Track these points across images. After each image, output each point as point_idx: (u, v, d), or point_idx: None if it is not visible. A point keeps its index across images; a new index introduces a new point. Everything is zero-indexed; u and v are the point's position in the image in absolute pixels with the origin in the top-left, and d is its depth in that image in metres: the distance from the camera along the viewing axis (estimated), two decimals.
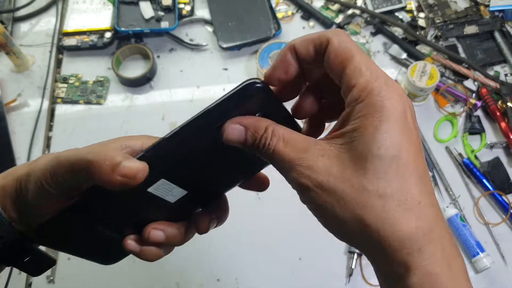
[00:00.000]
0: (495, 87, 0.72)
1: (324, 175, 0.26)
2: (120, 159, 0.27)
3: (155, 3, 0.80)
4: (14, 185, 0.30)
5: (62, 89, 0.77)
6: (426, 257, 0.24)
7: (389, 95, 0.25)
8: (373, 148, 0.24)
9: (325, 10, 0.82)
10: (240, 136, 0.28)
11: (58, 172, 0.28)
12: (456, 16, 0.79)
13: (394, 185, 0.24)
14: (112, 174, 0.27)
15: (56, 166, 0.28)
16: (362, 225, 0.24)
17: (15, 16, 0.83)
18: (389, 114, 0.24)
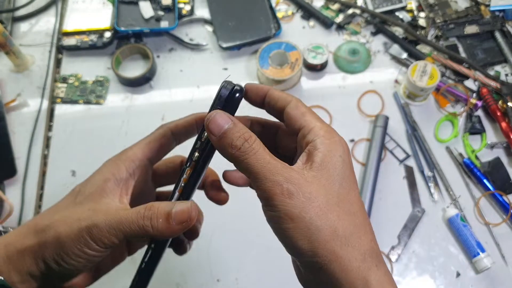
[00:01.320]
0: (495, 87, 0.72)
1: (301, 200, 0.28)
2: (168, 209, 0.29)
3: (155, 3, 0.80)
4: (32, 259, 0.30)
5: (61, 89, 0.77)
6: None
7: (341, 140, 0.31)
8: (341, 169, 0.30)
9: (325, 10, 0.82)
10: (223, 125, 0.30)
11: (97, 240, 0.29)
12: (457, 16, 0.79)
13: (354, 207, 0.29)
14: (170, 228, 0.29)
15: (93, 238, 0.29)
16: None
17: (15, 15, 0.83)
18: (344, 152, 0.30)
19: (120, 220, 0.29)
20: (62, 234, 0.29)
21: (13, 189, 0.68)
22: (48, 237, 0.29)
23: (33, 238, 0.30)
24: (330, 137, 0.30)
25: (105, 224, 0.29)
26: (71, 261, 0.29)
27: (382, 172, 0.67)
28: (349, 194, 0.29)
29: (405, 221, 0.64)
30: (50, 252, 0.29)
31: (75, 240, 0.29)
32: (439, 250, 0.63)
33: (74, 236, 0.29)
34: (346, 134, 0.71)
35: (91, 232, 0.29)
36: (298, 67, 0.72)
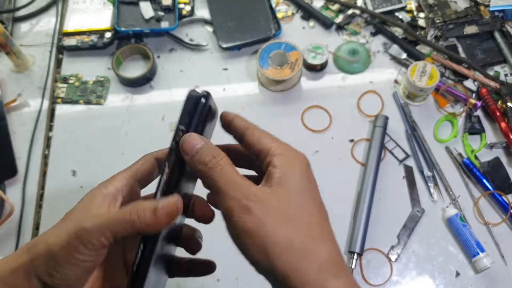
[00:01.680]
0: (495, 87, 0.72)
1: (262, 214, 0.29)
2: (154, 204, 0.30)
3: (155, 3, 0.80)
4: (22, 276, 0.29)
5: (62, 89, 0.77)
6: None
7: (300, 155, 0.32)
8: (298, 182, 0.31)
9: (325, 10, 0.82)
10: (195, 145, 0.31)
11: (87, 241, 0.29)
12: (456, 16, 0.79)
13: (313, 218, 0.31)
14: (157, 220, 0.29)
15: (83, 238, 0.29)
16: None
17: (15, 16, 0.83)
18: (302, 166, 0.32)
19: (108, 219, 0.29)
20: (52, 244, 0.29)
21: (14, 189, 0.68)
22: (39, 250, 0.29)
23: (25, 255, 0.30)
24: (286, 153, 0.32)
25: (92, 226, 0.29)
26: (63, 270, 0.29)
27: (381, 172, 0.67)
28: (308, 206, 0.30)
29: (405, 221, 0.65)
30: (42, 264, 0.29)
31: (65, 246, 0.29)
32: (439, 250, 0.63)
33: (63, 243, 0.29)
34: (345, 134, 0.71)
35: (79, 235, 0.29)
36: (298, 68, 0.72)
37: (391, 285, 0.61)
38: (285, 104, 0.74)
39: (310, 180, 0.32)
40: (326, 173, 0.69)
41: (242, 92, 0.76)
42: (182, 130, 0.32)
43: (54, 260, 0.29)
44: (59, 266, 0.29)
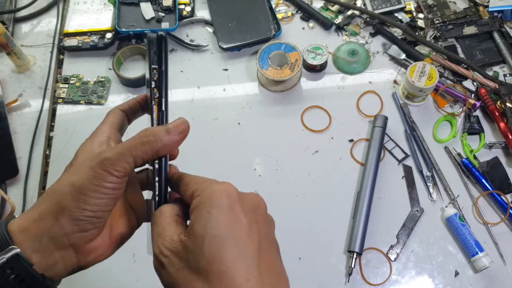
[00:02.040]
0: (494, 87, 0.72)
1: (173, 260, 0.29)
2: (164, 126, 0.32)
3: (156, 4, 0.80)
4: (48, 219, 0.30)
5: (63, 89, 0.77)
6: None
7: (215, 191, 0.30)
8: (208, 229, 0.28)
9: (325, 11, 0.83)
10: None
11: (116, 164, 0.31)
12: (455, 17, 0.79)
13: (225, 264, 0.27)
14: (172, 138, 0.32)
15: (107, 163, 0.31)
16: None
17: (16, 16, 0.84)
18: (216, 203, 0.29)
19: (127, 147, 0.31)
20: (77, 181, 0.30)
21: (15, 188, 0.69)
22: (64, 190, 0.30)
23: (48, 202, 0.31)
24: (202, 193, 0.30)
25: (114, 154, 0.31)
26: (93, 200, 0.30)
27: (381, 172, 0.68)
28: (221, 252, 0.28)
29: (404, 220, 0.65)
30: (71, 201, 0.30)
31: (91, 178, 0.30)
32: (438, 250, 0.63)
33: (89, 175, 0.30)
34: (345, 134, 0.71)
35: (103, 165, 0.30)
36: (298, 68, 0.72)
37: (391, 285, 0.61)
38: (285, 104, 0.75)
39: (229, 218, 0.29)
40: (325, 173, 0.69)
41: (242, 93, 0.76)
42: (155, 69, 0.35)
43: (83, 194, 0.30)
44: (89, 197, 0.30)
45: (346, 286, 0.61)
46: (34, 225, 0.31)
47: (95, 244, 0.32)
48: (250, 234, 0.29)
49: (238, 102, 0.75)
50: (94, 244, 0.32)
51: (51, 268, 0.31)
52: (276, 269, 0.30)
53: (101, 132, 0.36)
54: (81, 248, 0.31)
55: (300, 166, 0.69)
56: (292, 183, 0.68)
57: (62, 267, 0.32)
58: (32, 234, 0.30)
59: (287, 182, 0.68)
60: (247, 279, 0.27)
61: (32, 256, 0.30)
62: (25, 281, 0.30)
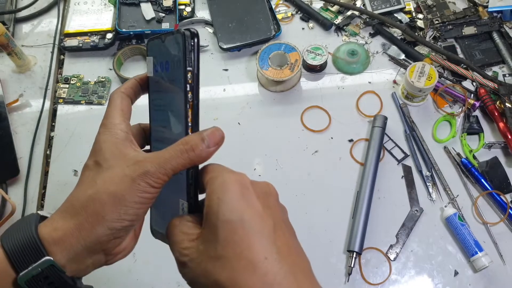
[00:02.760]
0: (493, 87, 0.72)
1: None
2: (199, 135, 0.32)
3: (156, 4, 0.80)
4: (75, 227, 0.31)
5: (63, 89, 0.77)
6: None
7: (227, 179, 0.30)
8: (220, 215, 0.29)
9: (325, 11, 0.83)
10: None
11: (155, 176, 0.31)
12: (455, 17, 0.79)
13: (240, 246, 0.28)
14: (208, 149, 0.32)
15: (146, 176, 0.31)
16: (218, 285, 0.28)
17: (17, 17, 0.84)
18: (227, 189, 0.29)
19: (165, 159, 0.31)
20: (117, 191, 0.31)
21: (16, 188, 0.69)
22: (103, 200, 0.31)
23: (86, 211, 0.31)
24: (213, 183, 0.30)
25: (154, 168, 0.31)
26: (132, 211, 0.31)
27: (380, 171, 0.68)
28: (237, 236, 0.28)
29: (404, 220, 0.65)
30: (111, 212, 0.30)
31: (134, 189, 0.31)
32: (437, 249, 0.63)
33: (131, 188, 0.31)
34: (345, 134, 0.71)
35: (145, 177, 0.31)
36: (298, 68, 0.72)
37: (390, 284, 0.61)
38: (284, 104, 0.75)
39: (241, 203, 0.29)
40: (325, 173, 0.69)
41: (242, 93, 0.76)
42: (190, 71, 0.32)
43: (124, 205, 0.30)
44: (130, 208, 0.31)
45: (346, 286, 0.61)
46: (70, 236, 0.31)
47: (124, 246, 0.33)
48: (264, 216, 0.29)
49: (238, 102, 0.75)
50: (123, 246, 0.33)
51: (82, 271, 0.32)
52: (294, 248, 0.30)
53: (115, 124, 0.35)
54: (111, 251, 0.32)
55: (300, 166, 0.69)
56: (292, 183, 0.68)
57: (91, 269, 0.33)
58: (67, 244, 0.31)
59: (287, 182, 0.68)
60: (264, 258, 0.27)
61: (65, 265, 0.31)
62: (54, 283, 0.31)
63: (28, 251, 0.30)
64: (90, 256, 0.31)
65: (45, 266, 0.30)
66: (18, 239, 0.31)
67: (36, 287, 0.30)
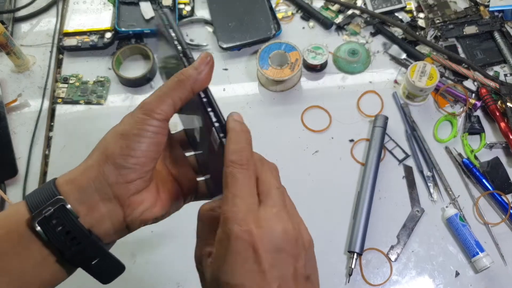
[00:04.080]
0: (494, 87, 0.72)
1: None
2: (192, 65, 0.33)
3: (155, 4, 0.80)
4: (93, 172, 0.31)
5: (62, 89, 0.77)
6: None
7: (234, 234, 0.28)
8: (221, 275, 0.28)
9: (325, 11, 0.82)
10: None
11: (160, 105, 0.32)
12: (456, 17, 0.79)
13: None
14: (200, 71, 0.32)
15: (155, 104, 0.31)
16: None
17: (16, 16, 0.84)
18: (232, 251, 0.28)
19: (163, 90, 0.32)
20: (120, 129, 0.31)
21: (14, 188, 0.68)
22: (108, 139, 0.31)
23: (94, 153, 0.32)
24: (221, 237, 0.29)
25: (152, 100, 0.32)
26: (136, 145, 0.31)
27: (381, 172, 0.67)
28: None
29: (404, 220, 0.65)
30: (116, 148, 0.31)
31: (133, 123, 0.31)
32: (438, 250, 0.63)
33: (131, 121, 0.31)
34: (345, 134, 0.71)
35: (144, 109, 0.31)
36: (298, 68, 0.72)
37: (391, 285, 0.61)
38: (285, 104, 0.75)
39: (244, 267, 0.28)
40: (326, 173, 0.69)
41: (242, 92, 0.76)
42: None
43: (126, 139, 0.31)
44: (131, 141, 0.31)
45: (346, 287, 0.61)
46: (80, 176, 0.31)
47: (141, 197, 0.32)
48: (269, 280, 0.28)
49: (238, 102, 0.75)
50: (140, 197, 0.32)
51: (99, 224, 0.31)
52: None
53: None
54: (126, 200, 0.31)
55: (300, 166, 0.69)
56: (292, 183, 0.67)
57: (109, 224, 0.31)
58: (78, 185, 0.31)
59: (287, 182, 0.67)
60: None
61: (78, 208, 0.30)
62: (71, 233, 0.30)
63: (43, 195, 0.30)
64: (103, 202, 0.31)
65: (56, 206, 0.30)
66: (38, 190, 0.31)
67: (52, 233, 0.30)
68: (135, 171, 0.31)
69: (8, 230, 0.30)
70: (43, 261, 0.30)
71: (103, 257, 0.32)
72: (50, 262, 0.31)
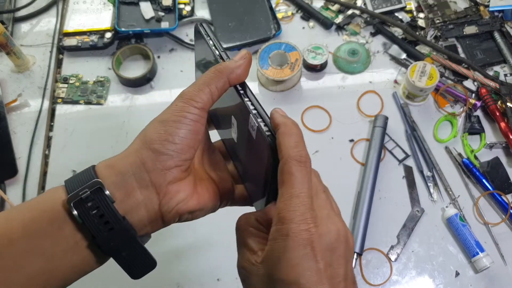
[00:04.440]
0: (494, 87, 0.72)
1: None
2: (230, 60, 0.34)
3: (155, 4, 0.80)
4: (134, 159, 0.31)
5: (62, 89, 0.77)
6: None
7: (291, 233, 0.28)
8: (277, 272, 0.28)
9: (325, 11, 0.82)
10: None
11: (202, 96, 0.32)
12: (456, 16, 0.79)
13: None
14: (237, 63, 0.33)
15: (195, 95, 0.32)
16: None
17: (16, 16, 0.84)
18: (289, 248, 0.27)
19: (202, 80, 0.32)
20: (160, 116, 0.32)
21: (14, 188, 0.68)
22: (148, 127, 0.32)
23: (135, 141, 0.33)
24: (277, 235, 0.28)
25: (192, 89, 0.32)
26: (174, 131, 0.31)
27: (381, 172, 0.67)
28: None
29: (404, 220, 0.65)
30: (154, 133, 0.31)
31: (172, 110, 0.32)
32: (438, 250, 0.63)
33: (170, 109, 0.32)
34: (345, 134, 0.71)
35: (183, 98, 0.32)
36: (298, 68, 0.72)
37: (391, 285, 0.61)
38: (285, 104, 0.74)
39: (301, 265, 0.29)
40: (326, 173, 0.69)
41: None
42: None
43: (164, 125, 0.31)
44: (169, 127, 0.31)
45: None
46: (119, 161, 0.31)
47: (178, 187, 0.32)
48: (323, 279, 0.28)
49: None
50: (177, 187, 0.32)
51: (134, 211, 0.31)
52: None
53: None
54: (163, 188, 0.31)
55: None
56: None
57: (144, 212, 0.31)
58: (116, 170, 0.31)
59: None
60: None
61: (115, 193, 0.30)
62: (104, 216, 0.29)
63: (82, 178, 0.31)
64: (140, 189, 0.31)
65: (93, 188, 0.30)
66: (77, 175, 0.32)
67: (86, 215, 0.29)
68: (173, 158, 0.31)
69: (43, 210, 0.30)
70: (75, 245, 0.30)
71: (134, 248, 0.31)
72: (82, 247, 0.30)
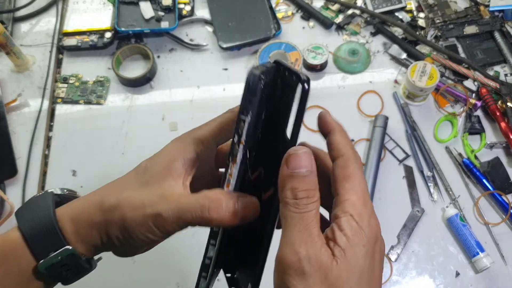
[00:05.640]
0: (495, 87, 0.72)
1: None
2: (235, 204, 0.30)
3: (155, 3, 0.80)
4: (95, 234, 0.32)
5: (62, 89, 0.77)
6: None
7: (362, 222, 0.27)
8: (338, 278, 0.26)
9: (325, 10, 0.82)
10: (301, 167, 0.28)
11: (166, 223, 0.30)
12: (456, 16, 0.79)
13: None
14: (232, 219, 0.29)
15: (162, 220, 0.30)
16: None
17: (15, 16, 0.84)
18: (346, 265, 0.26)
19: (183, 208, 0.30)
20: (128, 218, 0.31)
21: (14, 189, 0.68)
22: (114, 218, 0.31)
23: (100, 216, 0.31)
24: (359, 219, 0.27)
25: (168, 214, 0.30)
26: (132, 241, 0.31)
27: (381, 172, 0.67)
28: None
29: (405, 220, 0.65)
30: (115, 231, 0.31)
31: (140, 225, 0.31)
32: (439, 250, 0.63)
33: (139, 222, 0.31)
34: None
35: (155, 220, 0.30)
36: (298, 67, 0.72)
37: (391, 285, 0.61)
38: None
39: (373, 260, 0.28)
40: None
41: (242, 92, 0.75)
42: (243, 121, 0.29)
43: (127, 232, 0.31)
44: (130, 238, 0.31)
45: None
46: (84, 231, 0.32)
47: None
48: (372, 276, 0.28)
49: (238, 102, 0.74)
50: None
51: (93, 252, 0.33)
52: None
53: (198, 136, 0.33)
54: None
55: None
56: None
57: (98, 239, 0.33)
58: (83, 238, 0.32)
59: None
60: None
61: (77, 246, 0.32)
62: (72, 269, 0.32)
63: (47, 238, 0.31)
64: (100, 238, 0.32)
65: (65, 255, 0.31)
66: (36, 222, 0.31)
67: (55, 272, 0.31)
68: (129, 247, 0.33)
69: (8, 268, 0.31)
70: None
71: (81, 272, 0.34)
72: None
